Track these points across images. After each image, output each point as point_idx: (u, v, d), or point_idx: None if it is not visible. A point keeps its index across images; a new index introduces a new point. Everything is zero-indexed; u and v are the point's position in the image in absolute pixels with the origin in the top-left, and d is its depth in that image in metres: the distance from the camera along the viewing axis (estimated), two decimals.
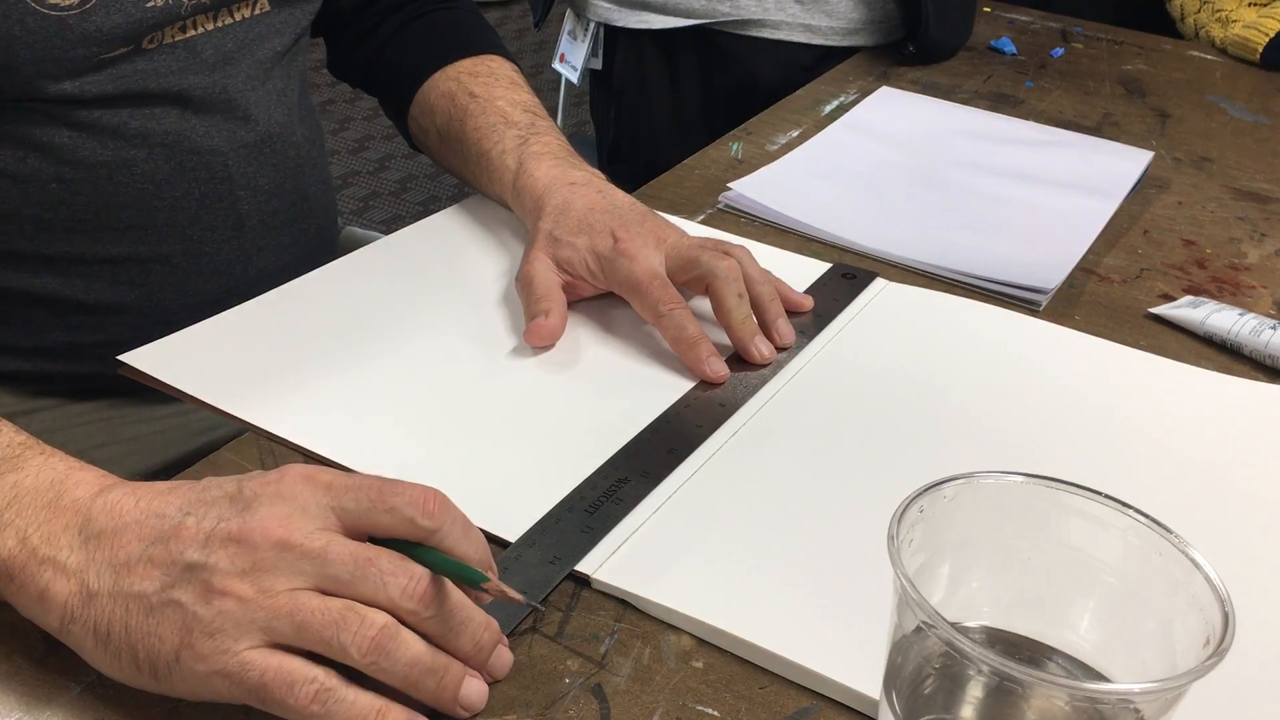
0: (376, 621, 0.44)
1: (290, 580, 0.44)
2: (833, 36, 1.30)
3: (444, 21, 0.92)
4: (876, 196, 0.96)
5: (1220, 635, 0.37)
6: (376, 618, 0.44)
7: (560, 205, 0.76)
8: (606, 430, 0.65)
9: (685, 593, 0.54)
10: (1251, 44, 1.35)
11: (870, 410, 0.69)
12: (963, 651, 0.36)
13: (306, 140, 0.87)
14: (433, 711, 0.46)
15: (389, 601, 0.44)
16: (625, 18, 1.32)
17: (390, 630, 0.44)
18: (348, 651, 0.43)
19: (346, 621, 0.43)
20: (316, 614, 0.43)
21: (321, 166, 0.91)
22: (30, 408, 0.81)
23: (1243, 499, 0.64)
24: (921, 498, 0.41)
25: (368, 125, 3.15)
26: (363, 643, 0.43)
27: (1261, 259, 0.91)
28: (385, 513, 0.46)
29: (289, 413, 0.64)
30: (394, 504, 0.46)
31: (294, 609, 0.43)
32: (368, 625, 0.43)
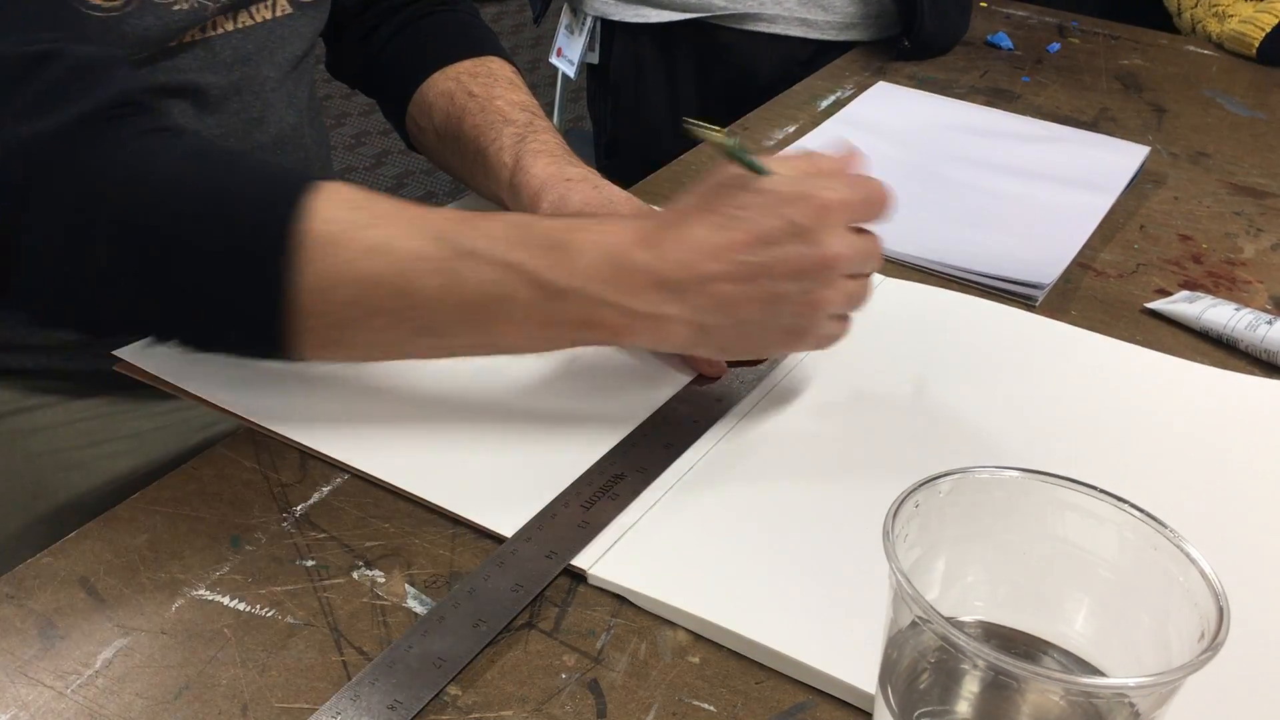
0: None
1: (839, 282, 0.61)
2: (829, 31, 1.30)
3: (445, 23, 0.92)
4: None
5: (1215, 629, 0.37)
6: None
7: (555, 201, 0.76)
8: (603, 425, 0.65)
9: (681, 588, 0.54)
10: (1248, 39, 1.35)
11: (866, 405, 0.69)
12: (958, 646, 0.36)
13: (315, 143, 0.87)
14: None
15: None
16: (622, 12, 1.32)
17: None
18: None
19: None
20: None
21: (327, 169, 0.91)
22: (33, 404, 0.81)
23: (1238, 494, 0.64)
24: (917, 493, 0.41)
25: (364, 121, 3.14)
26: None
27: (1257, 254, 0.91)
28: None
29: (283, 407, 0.64)
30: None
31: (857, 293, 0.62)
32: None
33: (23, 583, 0.53)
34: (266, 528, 0.57)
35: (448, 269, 0.57)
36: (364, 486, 0.60)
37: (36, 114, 0.55)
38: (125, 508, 0.58)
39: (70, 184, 0.55)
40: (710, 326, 0.60)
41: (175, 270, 0.56)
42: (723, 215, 0.59)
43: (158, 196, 0.56)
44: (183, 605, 0.53)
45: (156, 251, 0.56)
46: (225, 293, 0.57)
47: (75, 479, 0.82)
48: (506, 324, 0.59)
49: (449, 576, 0.55)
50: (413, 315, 0.58)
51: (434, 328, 0.59)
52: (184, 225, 0.56)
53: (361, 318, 0.58)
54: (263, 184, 0.58)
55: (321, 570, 0.55)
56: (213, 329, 0.59)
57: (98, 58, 0.58)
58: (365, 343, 0.60)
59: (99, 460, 0.82)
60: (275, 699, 0.48)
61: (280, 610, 0.53)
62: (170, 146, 0.57)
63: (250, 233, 0.56)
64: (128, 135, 0.57)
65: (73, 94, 0.56)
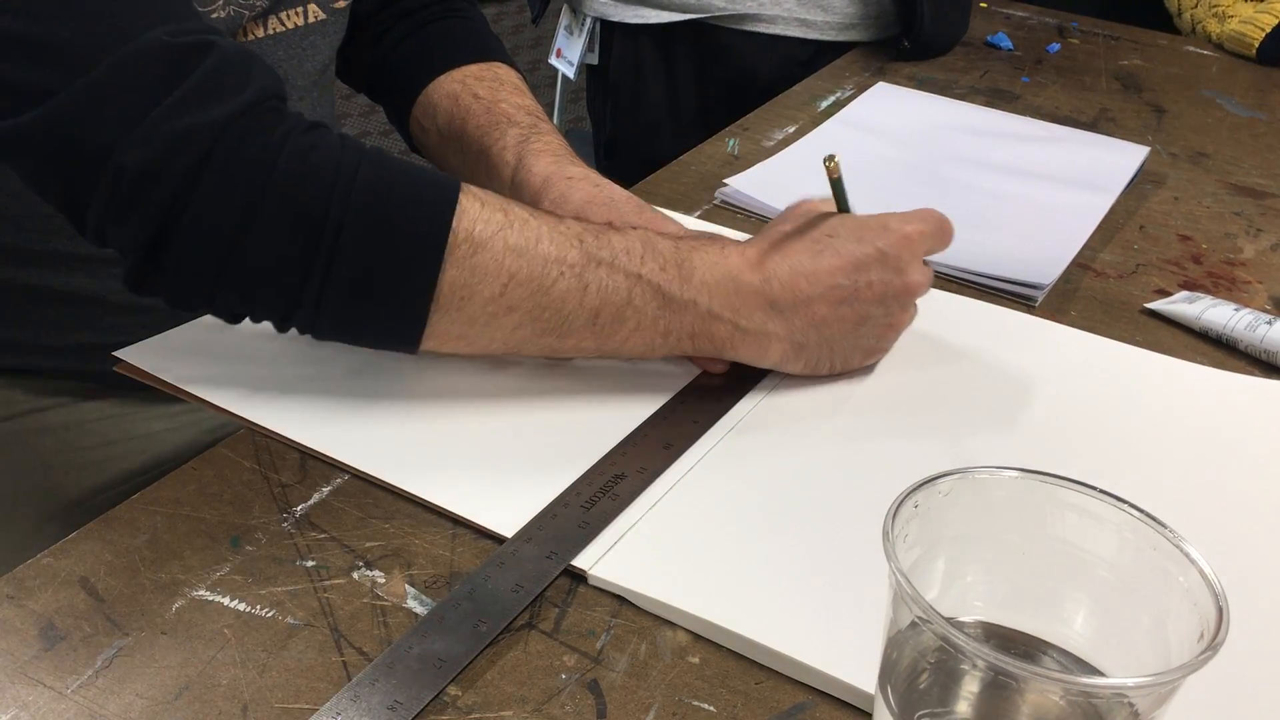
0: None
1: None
2: (829, 32, 1.30)
3: (453, 28, 0.93)
4: (873, 192, 0.95)
5: (1214, 629, 0.37)
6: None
7: (556, 199, 0.77)
8: (603, 425, 0.65)
9: (681, 588, 0.54)
10: (1248, 39, 1.35)
11: (866, 406, 0.69)
12: (958, 646, 0.37)
13: None
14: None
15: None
16: (621, 12, 1.32)
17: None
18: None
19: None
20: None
21: None
22: (44, 404, 0.81)
23: (1237, 494, 0.64)
24: (917, 493, 0.41)
25: (364, 122, 3.15)
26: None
27: (1257, 254, 0.92)
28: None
29: (283, 408, 0.64)
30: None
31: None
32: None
33: (23, 583, 0.53)
34: (267, 528, 0.57)
35: (583, 274, 0.62)
36: (364, 487, 0.60)
37: (200, 104, 0.57)
38: (125, 508, 0.58)
39: (240, 170, 0.57)
40: (804, 344, 0.67)
41: (335, 257, 0.58)
42: (819, 243, 0.66)
43: (323, 187, 0.58)
44: (183, 606, 0.53)
45: (319, 238, 0.58)
46: (379, 282, 0.60)
47: (86, 479, 0.82)
48: (627, 329, 0.64)
49: (449, 577, 0.55)
50: (544, 315, 0.62)
51: (561, 328, 0.63)
52: (349, 216, 0.58)
53: (497, 315, 0.61)
54: (419, 182, 0.61)
55: (322, 571, 0.55)
56: (359, 317, 0.61)
57: (243, 51, 0.61)
58: (491, 338, 0.63)
59: (109, 460, 0.82)
60: (275, 699, 0.48)
61: (280, 611, 0.53)
62: (329, 141, 0.60)
63: (409, 228, 0.59)
64: (290, 128, 0.59)
65: (230, 85, 0.58)
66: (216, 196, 0.57)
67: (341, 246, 0.58)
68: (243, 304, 0.61)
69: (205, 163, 0.56)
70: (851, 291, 0.66)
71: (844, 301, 0.66)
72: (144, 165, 0.56)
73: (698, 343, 0.65)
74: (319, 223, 0.58)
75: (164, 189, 0.56)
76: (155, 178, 0.56)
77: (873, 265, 0.66)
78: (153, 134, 0.56)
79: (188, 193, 0.57)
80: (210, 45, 0.58)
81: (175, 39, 0.57)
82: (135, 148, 0.56)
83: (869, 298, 0.66)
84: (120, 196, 0.57)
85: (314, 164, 0.58)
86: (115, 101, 0.56)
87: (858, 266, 0.66)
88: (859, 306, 0.66)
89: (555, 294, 0.62)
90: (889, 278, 0.66)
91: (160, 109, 0.56)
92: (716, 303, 0.64)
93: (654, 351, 0.66)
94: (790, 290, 0.65)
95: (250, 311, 0.61)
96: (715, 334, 0.65)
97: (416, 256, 0.59)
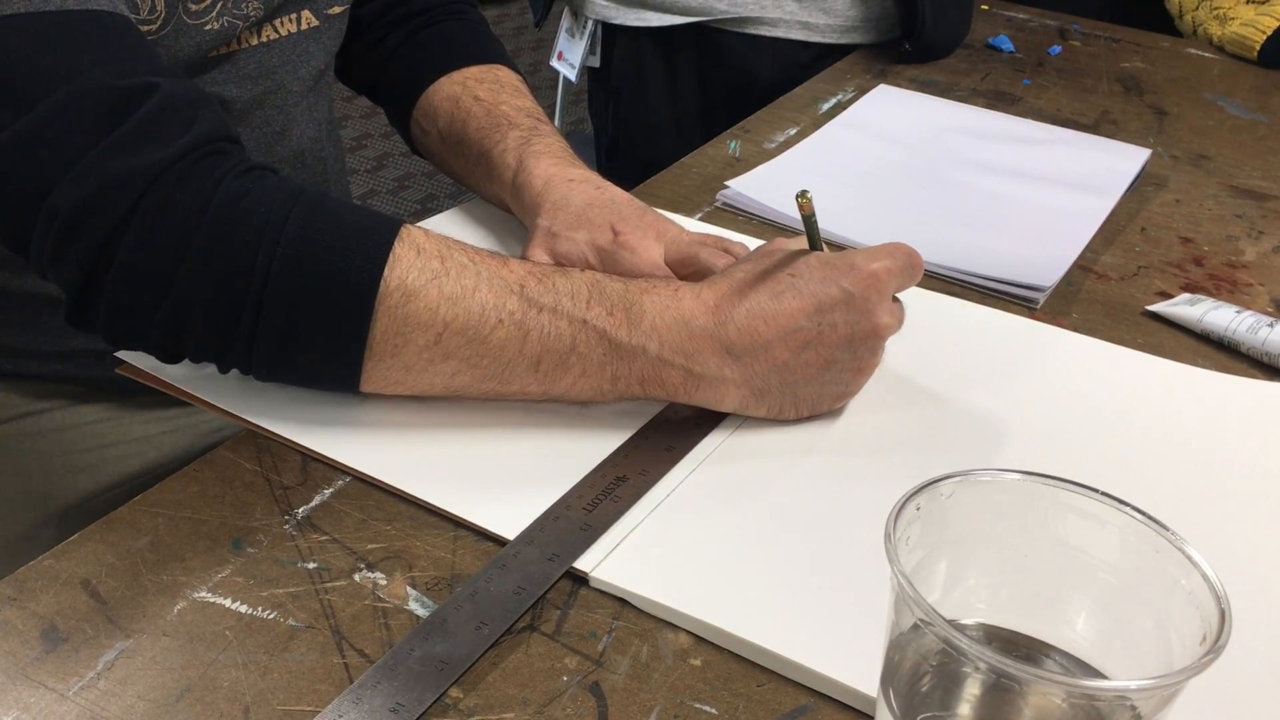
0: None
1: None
2: (830, 34, 1.30)
3: (454, 31, 0.93)
4: (874, 194, 0.96)
5: (1217, 632, 0.37)
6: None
7: (558, 201, 0.77)
8: (605, 428, 0.65)
9: (683, 591, 0.54)
10: (1249, 41, 1.35)
11: (868, 409, 0.68)
12: (960, 649, 0.37)
13: (333, 158, 0.88)
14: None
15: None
16: (623, 15, 1.32)
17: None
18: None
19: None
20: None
21: (343, 183, 0.92)
22: (42, 407, 0.81)
23: (1239, 496, 0.64)
24: (919, 495, 0.41)
25: (366, 124, 3.15)
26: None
27: (1259, 256, 0.91)
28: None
29: (285, 410, 0.64)
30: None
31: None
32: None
33: (25, 585, 0.53)
34: (268, 530, 0.57)
35: (523, 321, 0.61)
36: (365, 489, 0.60)
37: (136, 147, 0.57)
38: (127, 510, 0.58)
39: (169, 217, 0.57)
40: (765, 390, 0.64)
41: (264, 307, 0.58)
42: (780, 283, 0.63)
43: (251, 236, 0.58)
44: (184, 608, 0.53)
45: (245, 287, 0.57)
46: (307, 332, 0.59)
47: (84, 481, 0.82)
48: (572, 376, 0.62)
49: (451, 579, 0.55)
50: (483, 363, 0.61)
51: (502, 375, 0.61)
52: (275, 265, 0.58)
53: (433, 362, 0.61)
54: (350, 231, 0.60)
55: (323, 572, 0.55)
56: (288, 363, 0.61)
57: (189, 94, 0.60)
58: (430, 383, 0.62)
59: (107, 463, 0.83)
60: (277, 701, 0.48)
61: (282, 613, 0.53)
62: (263, 187, 0.59)
63: (337, 278, 0.58)
64: (223, 174, 0.59)
65: (169, 129, 0.58)
66: (146, 241, 0.57)
67: (269, 296, 0.58)
68: (176, 346, 0.60)
69: (137, 206, 0.56)
70: (815, 335, 0.62)
71: (807, 345, 0.63)
72: (78, 206, 0.56)
73: (649, 388, 0.63)
74: (246, 273, 0.57)
75: (96, 231, 0.56)
76: (88, 218, 0.56)
77: (837, 307, 0.63)
78: (88, 175, 0.56)
79: (119, 235, 0.56)
80: (153, 87, 0.58)
81: (118, 80, 0.57)
82: (70, 188, 0.56)
83: (833, 341, 0.63)
84: (55, 236, 0.57)
85: (243, 211, 0.58)
86: (54, 141, 0.56)
87: (820, 308, 0.62)
88: (823, 350, 0.63)
89: (493, 342, 0.60)
90: (855, 319, 0.63)
91: (97, 150, 0.56)
92: (668, 348, 0.62)
93: (603, 397, 0.63)
94: (747, 334, 0.62)
95: (184, 354, 0.61)
96: (667, 380, 0.62)
97: (346, 307, 0.59)
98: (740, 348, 0.62)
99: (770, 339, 0.62)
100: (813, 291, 0.63)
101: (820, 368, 0.64)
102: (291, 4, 0.79)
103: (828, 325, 0.63)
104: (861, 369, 0.65)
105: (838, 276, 0.63)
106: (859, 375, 0.66)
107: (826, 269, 0.63)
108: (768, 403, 0.64)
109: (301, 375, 0.62)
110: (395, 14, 0.92)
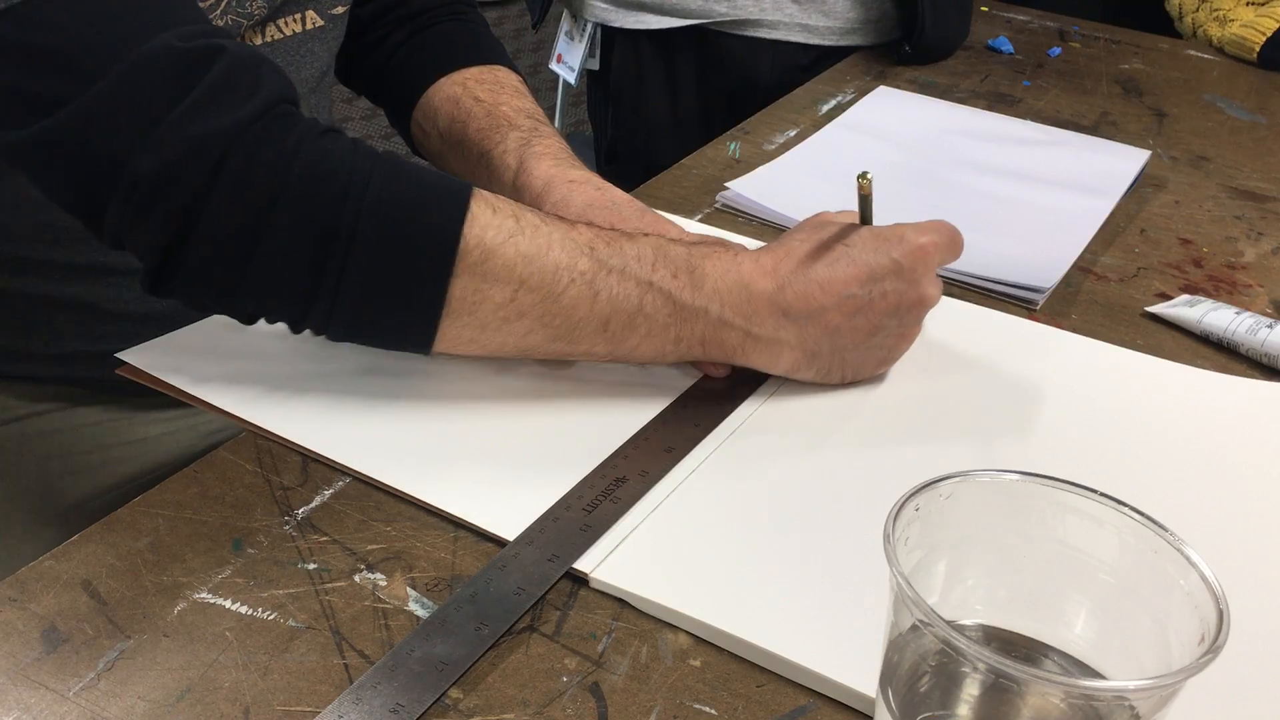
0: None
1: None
2: (830, 36, 1.30)
3: (454, 31, 0.93)
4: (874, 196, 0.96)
5: (1215, 633, 0.37)
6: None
7: (559, 202, 0.77)
8: (605, 428, 0.65)
9: (683, 591, 0.54)
10: (1249, 43, 1.35)
11: (868, 409, 0.69)
12: (959, 649, 0.37)
13: None
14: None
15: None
16: (622, 18, 1.32)
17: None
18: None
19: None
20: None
21: None
22: (41, 408, 0.81)
23: (1238, 497, 0.64)
24: (918, 496, 0.41)
25: (366, 125, 3.15)
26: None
27: (1258, 258, 0.92)
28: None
29: (285, 410, 0.64)
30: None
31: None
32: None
33: (25, 586, 0.53)
34: (268, 531, 0.57)
35: (594, 281, 0.62)
36: (365, 490, 0.60)
37: (213, 109, 0.57)
38: (127, 511, 0.58)
39: (254, 178, 0.57)
40: (817, 353, 0.67)
41: (348, 264, 0.59)
42: (835, 251, 0.66)
43: (337, 196, 0.58)
44: (185, 608, 0.53)
45: (331, 246, 0.58)
46: (390, 289, 0.60)
47: (83, 483, 0.82)
48: (638, 336, 0.64)
49: (450, 580, 0.55)
50: (555, 322, 0.63)
51: (572, 334, 0.63)
52: (361, 225, 0.58)
53: (508, 320, 0.62)
54: (430, 190, 0.61)
55: (323, 573, 0.55)
56: (372, 322, 0.62)
57: (254, 55, 0.61)
58: (502, 342, 0.63)
59: (106, 464, 0.83)
60: (277, 702, 0.49)
61: (282, 613, 0.53)
62: (342, 148, 0.60)
63: (419, 235, 0.60)
64: (302, 133, 0.59)
65: (242, 91, 0.58)
66: (231, 202, 0.57)
67: (354, 254, 0.59)
68: (257, 307, 0.61)
69: (220, 168, 0.57)
70: (866, 302, 0.66)
71: (858, 311, 0.66)
72: (159, 171, 0.56)
73: (708, 349, 0.65)
74: (332, 231, 0.58)
75: (179, 195, 0.57)
76: (171, 183, 0.56)
77: (888, 276, 0.66)
78: (167, 140, 0.56)
79: (203, 198, 0.57)
80: (220, 49, 0.59)
81: (185, 43, 0.58)
82: (150, 154, 0.56)
83: (883, 308, 0.66)
84: (136, 202, 0.57)
85: (327, 172, 0.59)
86: (127, 108, 0.56)
87: (873, 277, 0.65)
88: (873, 317, 0.66)
89: (565, 301, 0.62)
90: (903, 289, 0.66)
91: (173, 115, 0.56)
92: (729, 310, 0.64)
93: (665, 358, 0.66)
94: (804, 298, 0.65)
95: (265, 314, 0.62)
96: (726, 341, 0.65)
97: (427, 264, 0.60)
98: (797, 311, 0.65)
99: (825, 304, 0.65)
100: (865, 261, 0.65)
101: (869, 333, 0.67)
102: (296, 3, 0.79)
103: (878, 293, 0.66)
104: (905, 336, 0.69)
105: (889, 248, 0.66)
106: (902, 342, 0.69)
107: (878, 241, 0.66)
108: (817, 365, 0.67)
109: (378, 334, 0.63)
110: (395, 15, 0.92)
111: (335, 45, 0.86)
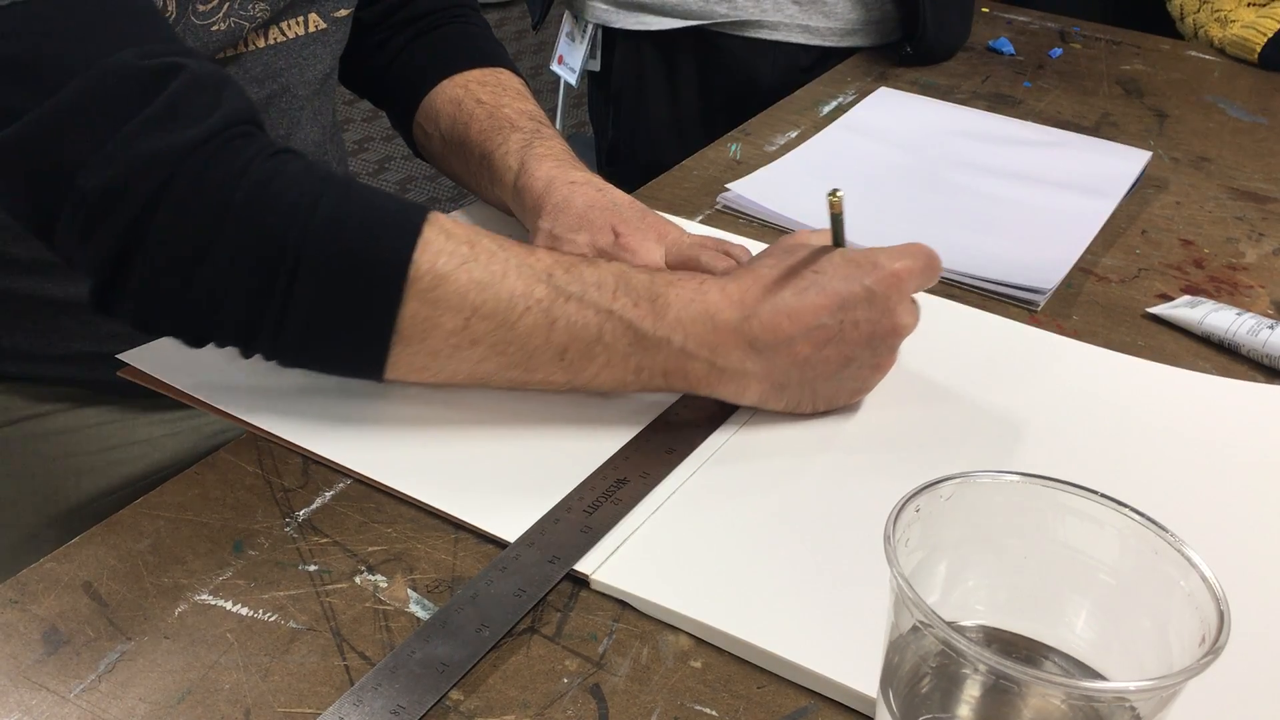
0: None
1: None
2: (830, 37, 1.30)
3: (457, 34, 0.93)
4: (875, 197, 0.96)
5: (1216, 634, 0.37)
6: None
7: (560, 203, 0.77)
8: (605, 430, 0.65)
9: (683, 593, 0.54)
10: (1250, 44, 1.35)
11: (868, 411, 0.69)
12: (959, 650, 0.37)
13: (336, 160, 0.88)
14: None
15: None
16: (623, 19, 1.32)
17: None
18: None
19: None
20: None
21: None
22: (46, 409, 0.81)
23: (1238, 498, 0.64)
24: (918, 497, 0.41)
25: (367, 127, 3.15)
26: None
27: (1259, 258, 0.92)
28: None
29: (286, 412, 0.64)
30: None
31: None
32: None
33: (26, 588, 0.54)
34: (269, 532, 0.57)
35: (550, 309, 0.61)
36: (366, 491, 0.61)
37: (165, 127, 0.57)
38: (128, 513, 0.58)
39: (200, 197, 0.57)
40: (785, 384, 0.64)
41: (294, 287, 0.58)
42: (805, 278, 0.63)
43: (283, 217, 0.58)
44: (186, 610, 0.53)
45: (276, 268, 0.57)
46: (336, 315, 0.59)
47: (87, 484, 0.82)
48: (597, 365, 0.62)
49: (451, 581, 0.55)
50: (509, 350, 0.61)
51: (528, 363, 0.62)
52: (307, 246, 0.57)
53: (460, 348, 0.60)
54: (381, 214, 0.60)
55: (324, 575, 0.55)
56: (320, 348, 0.61)
57: (215, 75, 0.60)
58: (455, 370, 0.62)
59: (111, 465, 0.83)
60: (278, 704, 0.49)
61: (283, 615, 0.53)
62: (292, 169, 0.59)
63: (369, 261, 0.58)
64: (253, 155, 0.59)
65: (198, 109, 0.58)
66: (177, 221, 0.57)
67: (299, 278, 0.58)
68: (203, 329, 0.60)
69: (167, 187, 0.56)
70: (836, 331, 0.63)
71: (828, 342, 0.63)
72: (107, 186, 0.56)
73: (671, 380, 0.63)
74: (277, 253, 0.57)
75: (126, 211, 0.56)
76: (117, 199, 0.56)
77: (859, 304, 0.63)
78: (116, 156, 0.56)
79: (148, 216, 0.56)
80: (179, 68, 0.58)
81: (144, 61, 0.57)
82: (98, 169, 0.56)
83: (855, 339, 0.63)
84: (83, 217, 0.57)
85: (275, 193, 0.58)
86: (81, 123, 0.56)
87: (843, 305, 0.63)
88: (844, 347, 0.63)
89: (521, 329, 0.60)
90: (876, 317, 0.63)
91: (125, 131, 0.56)
92: (692, 341, 0.62)
93: (626, 388, 0.64)
94: (771, 329, 0.62)
95: (213, 336, 0.61)
96: (690, 372, 0.63)
97: (376, 290, 0.59)
98: (764, 342, 0.62)
99: (793, 334, 0.62)
100: (836, 289, 0.63)
101: (840, 364, 0.64)
102: (298, 6, 0.79)
103: (849, 323, 0.63)
104: (879, 366, 0.66)
105: (861, 275, 0.63)
106: (876, 372, 0.66)
107: (850, 267, 0.64)
108: (787, 397, 0.65)
109: (327, 360, 0.62)
110: (398, 17, 0.92)
111: (338, 48, 0.86)
